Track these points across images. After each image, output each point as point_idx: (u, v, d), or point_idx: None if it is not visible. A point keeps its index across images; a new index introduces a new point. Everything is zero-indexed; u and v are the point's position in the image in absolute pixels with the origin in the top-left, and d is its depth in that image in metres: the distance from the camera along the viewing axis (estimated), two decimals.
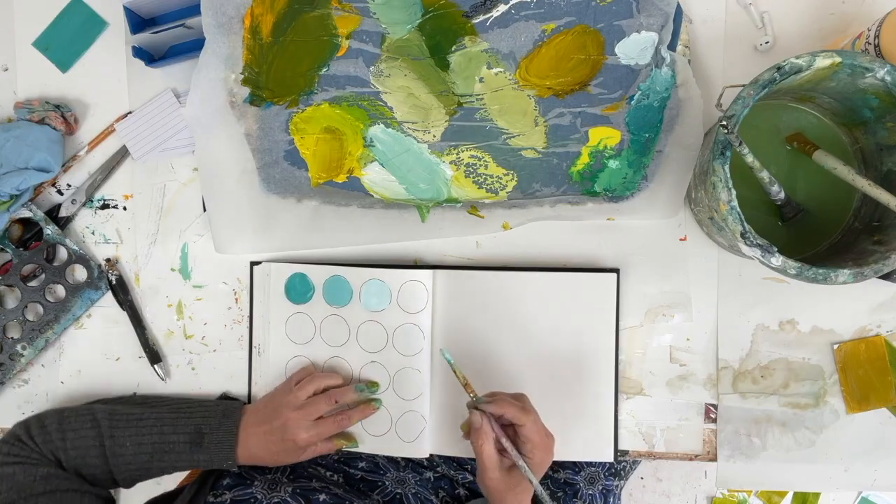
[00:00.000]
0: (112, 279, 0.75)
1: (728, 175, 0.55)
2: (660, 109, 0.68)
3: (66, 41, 0.75)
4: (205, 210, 0.74)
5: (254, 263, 0.74)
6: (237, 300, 0.76)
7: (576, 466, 0.79)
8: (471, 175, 0.72)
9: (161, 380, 0.76)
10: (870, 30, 0.61)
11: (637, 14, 0.66)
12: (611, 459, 0.71)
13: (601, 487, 0.79)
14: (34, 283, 0.75)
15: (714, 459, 0.73)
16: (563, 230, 0.73)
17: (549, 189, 0.72)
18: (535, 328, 0.71)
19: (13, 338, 0.75)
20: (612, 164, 0.70)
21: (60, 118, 0.73)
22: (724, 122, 0.54)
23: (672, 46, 0.68)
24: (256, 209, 0.73)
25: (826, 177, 0.63)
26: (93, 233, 0.76)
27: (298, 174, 0.72)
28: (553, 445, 0.61)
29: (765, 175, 0.59)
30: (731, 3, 0.70)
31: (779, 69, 0.54)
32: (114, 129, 0.75)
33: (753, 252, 0.55)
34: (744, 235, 0.55)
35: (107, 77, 0.75)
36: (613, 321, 0.71)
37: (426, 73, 0.69)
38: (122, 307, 0.75)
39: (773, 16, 0.70)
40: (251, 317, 0.74)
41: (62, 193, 0.76)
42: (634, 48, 0.67)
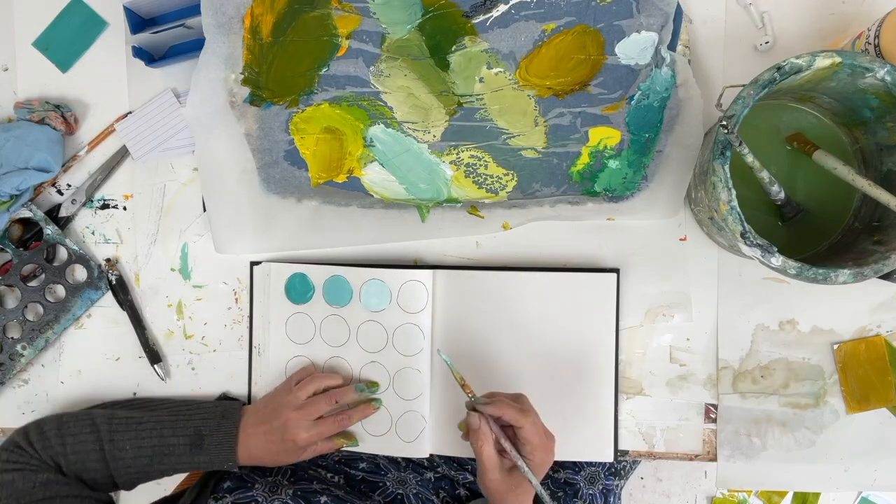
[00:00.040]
0: (112, 279, 0.75)
1: (728, 175, 0.55)
2: (660, 109, 0.68)
3: (66, 41, 0.75)
4: (205, 210, 0.74)
5: (254, 263, 0.74)
6: (237, 300, 0.76)
7: (576, 466, 0.79)
8: (471, 175, 0.72)
9: (161, 380, 0.76)
10: (870, 30, 0.61)
11: (637, 14, 0.66)
12: (611, 459, 0.71)
13: (601, 487, 0.79)
14: (34, 283, 0.75)
15: (714, 459, 0.73)
16: (563, 230, 0.73)
17: (549, 189, 0.72)
18: (535, 328, 0.71)
19: (13, 338, 0.75)
20: (612, 164, 0.70)
21: (60, 118, 0.73)
22: (724, 122, 0.54)
23: (672, 46, 0.68)
24: (256, 209, 0.73)
25: (826, 177, 0.63)
26: (93, 233, 0.76)
27: (298, 174, 0.72)
28: (553, 446, 0.61)
29: (765, 175, 0.59)
30: (731, 3, 0.70)
31: (779, 69, 0.54)
32: (114, 129, 0.75)
33: (753, 252, 0.55)
34: (744, 235, 0.55)
35: (107, 77, 0.75)
36: (613, 321, 0.71)
37: (426, 73, 0.69)
38: (122, 307, 0.75)
39: (773, 16, 0.70)
40: (251, 317, 0.74)
41: (62, 193, 0.76)
42: (634, 48, 0.67)
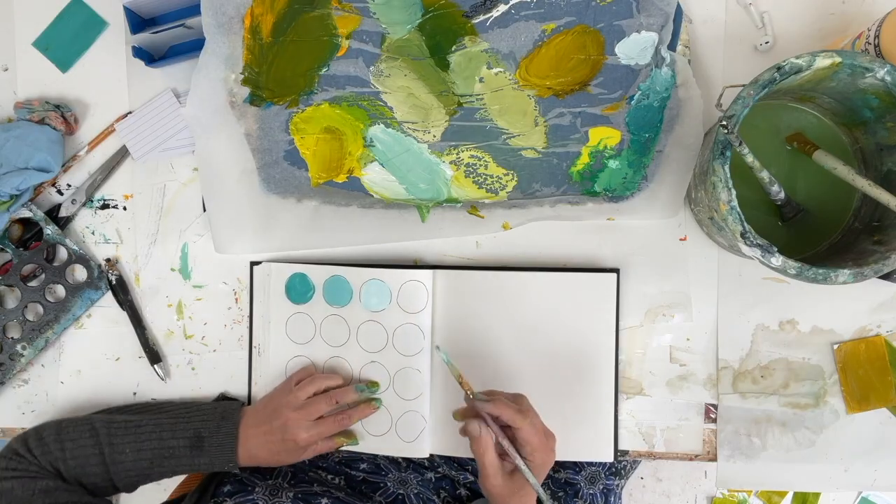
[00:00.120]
0: (112, 279, 0.75)
1: (728, 175, 0.55)
2: (660, 109, 0.68)
3: (66, 41, 0.75)
4: (205, 210, 0.74)
5: (254, 263, 0.74)
6: (237, 300, 0.76)
7: (576, 466, 0.79)
8: (471, 175, 0.72)
9: (161, 380, 0.76)
10: (870, 30, 0.61)
11: (637, 14, 0.66)
12: (611, 459, 0.71)
13: (602, 487, 0.79)
14: (34, 283, 0.75)
15: (714, 459, 0.73)
16: (563, 230, 0.73)
17: (549, 189, 0.72)
18: (535, 328, 0.71)
19: (13, 338, 0.75)
20: (612, 164, 0.70)
21: (60, 118, 0.73)
22: (724, 122, 0.54)
23: (672, 46, 0.68)
24: (256, 209, 0.73)
25: (826, 177, 0.63)
26: (93, 233, 0.76)
27: (298, 174, 0.72)
28: (554, 445, 0.61)
29: (765, 175, 0.59)
30: (731, 3, 0.70)
31: (779, 69, 0.54)
32: (114, 129, 0.75)
33: (753, 252, 0.55)
34: (744, 235, 0.55)
35: (107, 77, 0.75)
36: (613, 321, 0.71)
37: (426, 73, 0.69)
38: (122, 307, 0.75)
39: (773, 16, 0.70)
40: (251, 317, 0.74)
41: (62, 193, 0.76)
42: (634, 48, 0.67)
